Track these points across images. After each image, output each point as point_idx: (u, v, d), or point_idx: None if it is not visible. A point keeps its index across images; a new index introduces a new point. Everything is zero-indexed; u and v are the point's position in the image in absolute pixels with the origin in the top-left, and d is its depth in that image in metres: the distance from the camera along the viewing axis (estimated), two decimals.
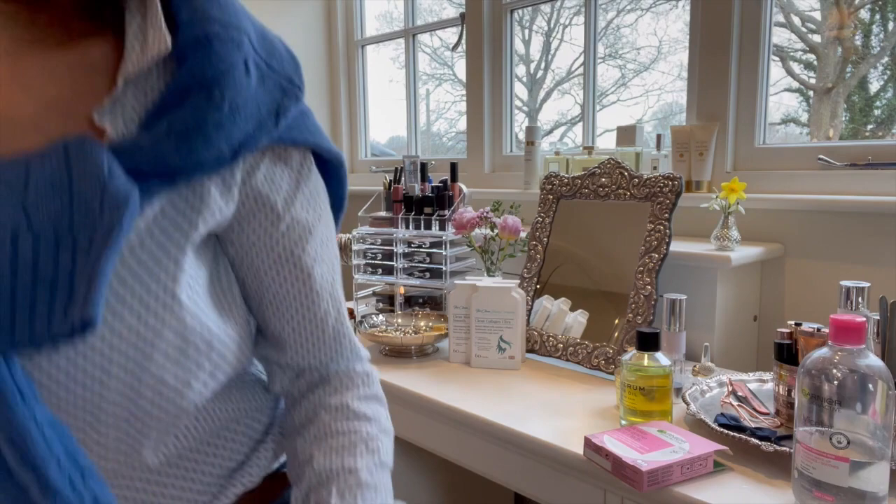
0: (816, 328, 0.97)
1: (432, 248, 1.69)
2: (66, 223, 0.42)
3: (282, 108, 0.52)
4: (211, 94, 0.47)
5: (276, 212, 0.56)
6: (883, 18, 1.49)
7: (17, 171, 0.42)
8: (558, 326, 1.39)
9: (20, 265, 0.41)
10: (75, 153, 0.43)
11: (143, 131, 0.46)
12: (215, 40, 0.48)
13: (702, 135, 1.50)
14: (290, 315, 0.60)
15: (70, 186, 0.42)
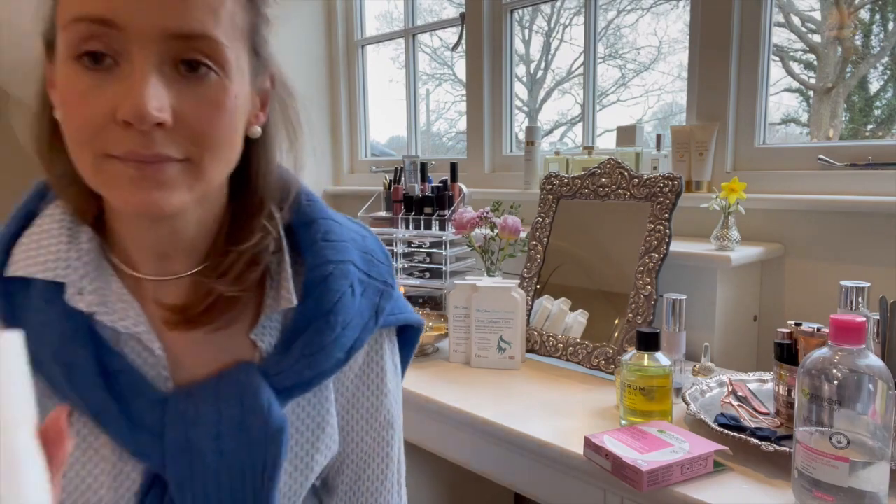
0: (816, 328, 0.97)
1: (432, 248, 1.69)
2: (245, 456, 0.57)
3: (380, 309, 0.67)
4: (328, 319, 0.61)
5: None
6: (883, 18, 1.49)
7: (204, 406, 0.57)
8: (558, 326, 1.39)
9: (217, 489, 0.56)
10: (247, 391, 0.58)
11: (282, 352, 0.61)
12: (330, 278, 0.62)
13: (702, 135, 1.50)
14: (368, 474, 0.73)
15: (241, 423, 0.57)
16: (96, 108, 0.49)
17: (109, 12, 0.48)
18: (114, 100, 0.49)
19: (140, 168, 0.50)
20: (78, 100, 0.50)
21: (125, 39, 0.49)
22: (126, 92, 0.48)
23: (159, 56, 0.50)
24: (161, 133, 0.50)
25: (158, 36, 0.49)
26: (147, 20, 0.48)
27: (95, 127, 0.50)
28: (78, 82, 0.50)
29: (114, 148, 0.50)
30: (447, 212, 1.68)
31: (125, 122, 0.48)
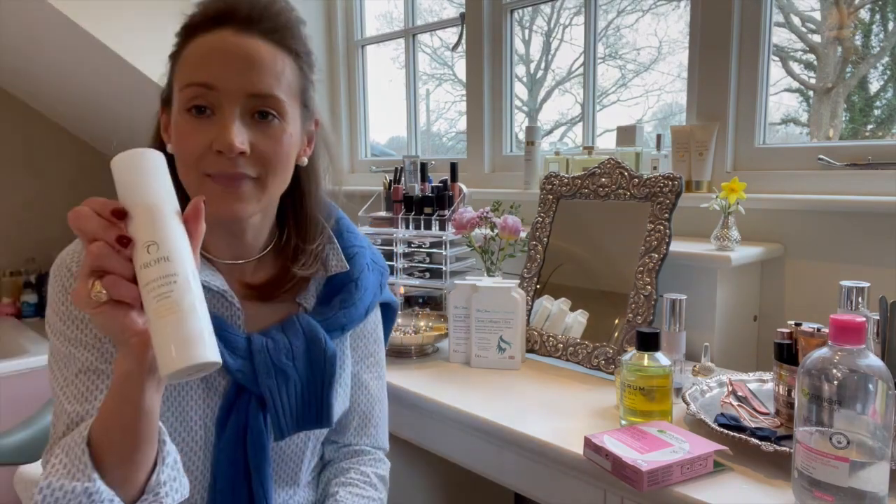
0: (816, 328, 0.97)
1: (432, 248, 1.69)
2: (310, 373, 0.84)
3: (382, 284, 0.97)
4: (357, 283, 0.90)
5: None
6: (883, 18, 1.49)
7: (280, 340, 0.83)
8: (558, 326, 1.39)
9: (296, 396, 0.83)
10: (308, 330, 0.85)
11: (321, 305, 0.89)
12: (356, 256, 0.92)
13: (702, 135, 1.50)
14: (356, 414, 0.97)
15: (307, 350, 0.84)
16: (200, 142, 0.73)
17: (211, 79, 0.72)
18: (211, 136, 0.72)
19: (226, 186, 0.74)
20: (189, 137, 0.73)
21: (219, 97, 0.72)
22: (220, 132, 0.72)
23: (241, 108, 0.73)
24: (242, 159, 0.74)
25: (241, 95, 0.73)
26: (234, 85, 0.73)
27: (199, 155, 0.73)
28: (188, 125, 0.74)
29: (210, 168, 0.73)
30: (447, 212, 1.68)
31: (218, 151, 0.72)
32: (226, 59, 0.72)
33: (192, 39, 0.74)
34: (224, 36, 0.73)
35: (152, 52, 2.00)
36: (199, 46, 0.74)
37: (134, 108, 2.30)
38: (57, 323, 0.77)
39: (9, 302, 2.77)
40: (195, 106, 0.73)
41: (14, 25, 2.09)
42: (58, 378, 0.77)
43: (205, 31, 0.74)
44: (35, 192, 2.88)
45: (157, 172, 0.60)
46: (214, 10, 0.74)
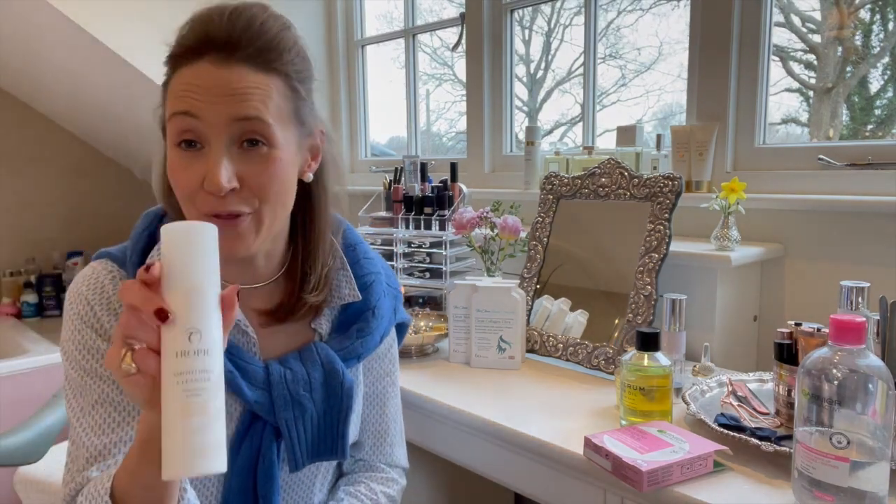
0: (816, 328, 0.97)
1: (432, 248, 1.69)
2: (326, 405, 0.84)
3: (397, 308, 0.97)
4: (374, 312, 0.90)
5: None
6: (883, 18, 1.49)
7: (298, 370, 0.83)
8: (558, 326, 1.39)
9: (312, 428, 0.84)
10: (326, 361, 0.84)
11: (337, 332, 0.88)
12: (373, 284, 0.91)
13: (702, 135, 1.50)
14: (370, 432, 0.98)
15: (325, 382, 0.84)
16: (191, 179, 0.71)
17: (193, 109, 0.70)
18: (201, 173, 0.70)
19: (222, 225, 0.68)
20: (180, 173, 0.72)
21: (205, 128, 0.70)
22: (208, 170, 0.70)
23: (229, 138, 0.71)
24: (233, 195, 0.71)
25: (226, 123, 0.70)
26: (217, 115, 0.70)
27: (191, 192, 0.71)
28: (179, 161, 0.72)
29: (203, 208, 0.71)
30: (447, 212, 1.68)
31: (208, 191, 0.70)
32: (206, 91, 0.69)
33: (176, 70, 0.72)
34: (204, 68, 0.70)
35: (151, 50, 2.00)
36: (181, 78, 0.71)
37: (134, 109, 2.30)
38: (73, 351, 0.78)
39: (9, 302, 2.77)
40: (184, 140, 0.71)
41: (13, 25, 2.09)
42: (73, 407, 0.77)
43: (187, 62, 0.71)
44: (35, 193, 2.88)
45: (206, 251, 0.57)
46: (192, 41, 0.71)
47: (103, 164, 3.04)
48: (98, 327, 0.77)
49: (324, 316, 0.88)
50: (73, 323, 0.78)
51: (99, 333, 0.77)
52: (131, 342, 0.56)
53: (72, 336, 0.78)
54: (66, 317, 0.79)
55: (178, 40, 0.72)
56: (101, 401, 0.76)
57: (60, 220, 2.96)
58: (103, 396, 0.76)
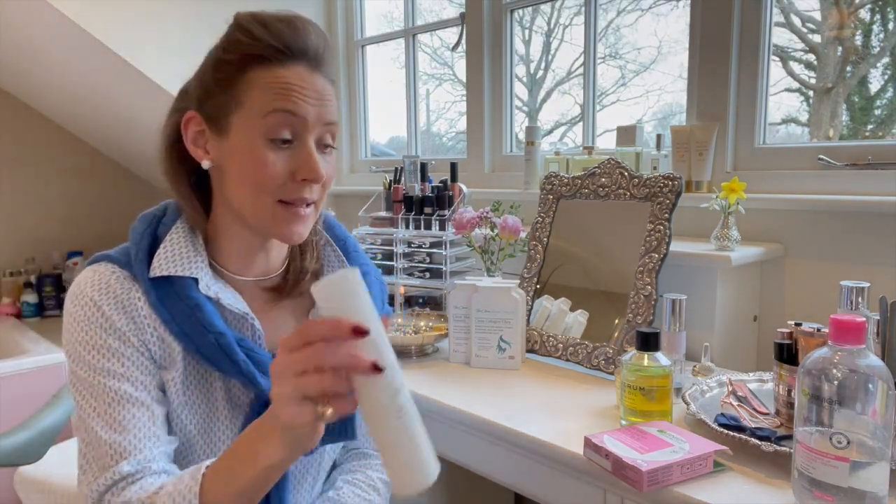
0: (816, 328, 0.97)
1: (432, 248, 1.69)
2: None
3: (384, 301, 0.98)
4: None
5: None
6: (883, 18, 1.49)
7: None
8: (558, 326, 1.39)
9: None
10: None
11: None
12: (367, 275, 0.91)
13: (702, 135, 1.50)
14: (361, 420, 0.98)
15: None
16: (282, 170, 0.77)
17: (296, 108, 0.76)
18: (292, 165, 0.77)
19: (296, 213, 0.79)
20: (271, 165, 0.77)
21: (301, 126, 0.77)
22: (306, 161, 0.77)
23: (316, 138, 0.79)
24: (315, 185, 0.80)
25: (318, 124, 0.78)
26: (314, 115, 0.78)
27: (279, 183, 0.77)
28: (272, 154, 0.77)
29: (288, 195, 0.78)
30: (447, 212, 1.68)
31: (303, 179, 0.78)
32: (307, 92, 0.77)
33: (259, 69, 0.76)
34: (300, 70, 0.77)
35: (151, 51, 2.00)
36: (276, 77, 0.76)
37: (134, 108, 2.30)
38: (82, 353, 0.78)
39: (9, 302, 2.76)
40: (281, 137, 0.77)
41: (13, 24, 2.09)
42: (85, 407, 0.77)
43: (277, 62, 0.76)
44: (35, 193, 2.88)
45: (367, 294, 0.61)
46: (286, 45, 0.76)
47: (103, 164, 3.04)
48: (108, 326, 0.78)
49: None
50: (79, 325, 0.78)
51: (109, 332, 0.78)
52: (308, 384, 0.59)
53: (80, 338, 0.78)
54: (71, 321, 0.79)
55: (264, 40, 0.76)
56: (118, 399, 0.76)
57: (60, 220, 2.95)
58: (121, 395, 0.77)
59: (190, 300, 0.79)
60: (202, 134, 0.81)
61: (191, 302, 0.79)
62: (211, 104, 0.79)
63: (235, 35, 0.78)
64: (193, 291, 0.80)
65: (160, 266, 0.79)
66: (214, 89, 0.79)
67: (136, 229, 0.84)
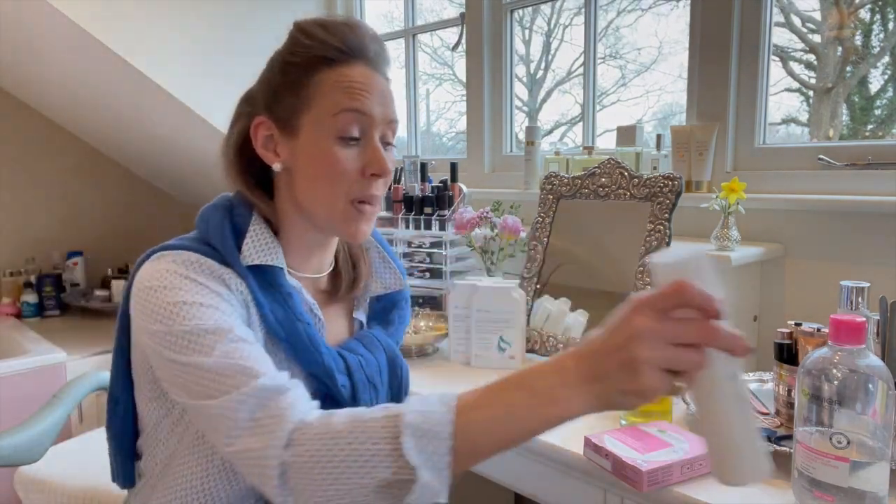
0: (816, 328, 0.97)
1: (432, 248, 1.69)
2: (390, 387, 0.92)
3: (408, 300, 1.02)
4: (406, 300, 1.01)
5: None
6: (883, 18, 1.49)
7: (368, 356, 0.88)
8: (558, 326, 1.39)
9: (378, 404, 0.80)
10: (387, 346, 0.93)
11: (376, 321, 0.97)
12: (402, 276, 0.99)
13: (702, 135, 1.50)
14: None
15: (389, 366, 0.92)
16: (352, 168, 0.80)
17: (364, 107, 0.79)
18: (360, 162, 0.80)
19: (365, 212, 0.82)
20: (342, 164, 0.79)
21: (368, 124, 0.80)
22: (373, 157, 0.80)
23: (380, 135, 0.82)
24: (381, 182, 0.82)
25: (383, 122, 0.81)
26: (380, 113, 0.80)
27: (350, 180, 0.80)
28: (341, 153, 0.79)
29: (359, 193, 0.80)
30: (447, 212, 1.68)
31: (373, 174, 0.80)
32: (372, 90, 0.80)
33: (325, 70, 0.79)
34: (363, 70, 0.80)
35: (151, 50, 2.00)
36: (343, 76, 0.79)
37: (134, 108, 2.30)
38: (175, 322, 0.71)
39: (9, 302, 2.76)
40: (350, 135, 0.79)
41: (13, 24, 2.09)
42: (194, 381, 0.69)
43: (342, 63, 0.79)
44: (35, 192, 2.88)
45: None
46: (349, 45, 0.79)
47: (103, 164, 3.04)
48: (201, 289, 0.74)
49: (361, 307, 0.95)
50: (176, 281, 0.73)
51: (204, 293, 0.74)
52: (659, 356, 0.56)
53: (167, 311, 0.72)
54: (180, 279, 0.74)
55: (330, 42, 0.79)
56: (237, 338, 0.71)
57: (60, 220, 2.95)
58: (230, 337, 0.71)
59: (282, 288, 0.81)
60: (271, 138, 0.82)
61: (283, 290, 0.81)
62: (280, 107, 0.81)
63: (300, 39, 0.80)
64: (284, 280, 0.81)
65: (250, 255, 0.79)
66: (283, 92, 0.81)
67: (214, 219, 0.82)
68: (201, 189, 2.93)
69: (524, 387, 0.61)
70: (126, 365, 0.83)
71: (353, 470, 0.62)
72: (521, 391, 0.61)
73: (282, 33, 0.84)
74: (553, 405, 0.59)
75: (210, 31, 2.14)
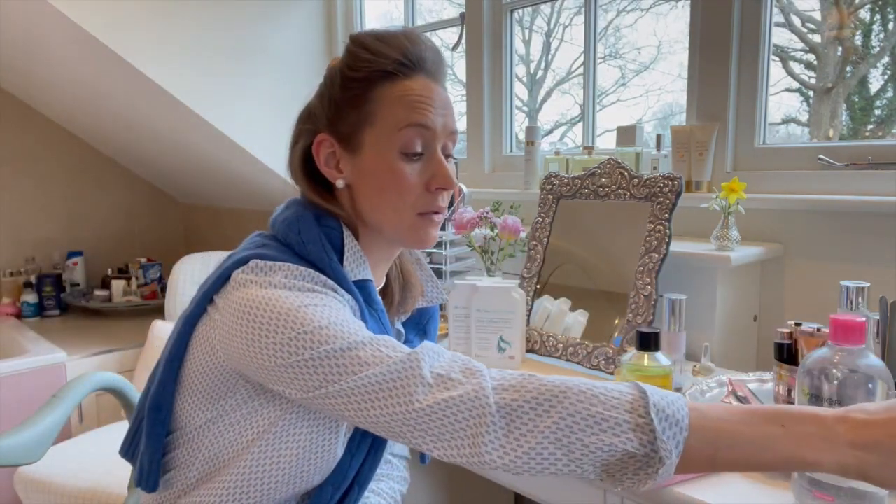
0: (816, 328, 0.97)
1: (432, 248, 1.69)
2: None
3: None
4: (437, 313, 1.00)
5: None
6: (883, 18, 1.49)
7: None
8: (558, 326, 1.39)
9: None
10: None
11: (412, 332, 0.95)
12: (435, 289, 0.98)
13: (702, 135, 1.50)
14: None
15: None
16: (418, 182, 0.80)
17: (427, 121, 0.79)
18: (425, 175, 0.80)
19: (433, 223, 0.82)
20: (409, 178, 0.79)
21: (432, 138, 0.80)
22: (438, 170, 0.80)
23: (441, 146, 0.81)
24: (446, 194, 0.82)
25: (445, 135, 0.81)
26: (441, 126, 0.80)
27: (416, 193, 0.80)
28: (408, 168, 0.79)
29: (425, 207, 0.81)
30: (447, 212, 1.68)
31: (438, 188, 0.80)
32: (434, 103, 0.79)
33: (386, 83, 0.78)
34: (424, 82, 0.79)
35: (152, 51, 2.00)
36: (405, 90, 0.78)
37: (134, 108, 2.30)
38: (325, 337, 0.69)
39: (9, 302, 2.76)
40: (415, 150, 0.79)
41: (13, 23, 2.09)
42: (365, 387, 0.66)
43: (403, 76, 0.78)
44: (35, 193, 2.88)
45: None
46: (409, 58, 0.78)
47: (103, 164, 3.04)
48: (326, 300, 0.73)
49: (403, 317, 0.95)
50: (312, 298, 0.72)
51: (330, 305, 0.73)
52: None
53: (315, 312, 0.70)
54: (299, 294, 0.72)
55: (391, 55, 0.78)
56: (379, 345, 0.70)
57: (60, 220, 2.95)
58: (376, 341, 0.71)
59: (376, 304, 0.81)
60: (333, 154, 0.82)
61: (377, 306, 0.82)
62: (342, 123, 0.80)
63: (359, 53, 0.79)
64: (377, 294, 0.82)
65: (352, 270, 0.80)
66: (345, 108, 0.80)
67: (310, 231, 0.79)
68: (201, 189, 2.93)
69: (773, 421, 0.61)
70: (178, 371, 0.80)
71: (593, 431, 0.60)
72: (771, 425, 0.61)
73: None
74: (808, 449, 0.59)
75: (210, 31, 2.14)
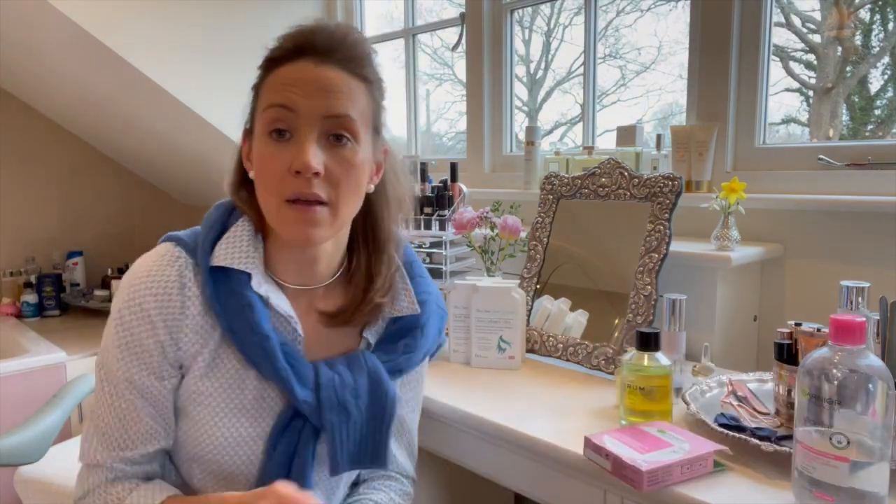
0: (816, 328, 0.97)
1: (432, 248, 1.69)
2: (370, 413, 0.85)
3: (441, 329, 0.97)
4: (422, 330, 0.92)
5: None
6: (883, 18, 1.49)
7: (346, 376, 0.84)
8: (558, 326, 1.39)
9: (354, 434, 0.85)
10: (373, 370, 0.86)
11: (385, 344, 0.90)
12: (426, 303, 0.93)
13: (702, 135, 1.50)
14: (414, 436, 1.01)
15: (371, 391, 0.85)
16: (280, 165, 0.77)
17: (289, 102, 0.76)
18: (289, 159, 0.76)
19: (302, 212, 0.77)
20: (269, 160, 0.78)
21: (297, 119, 0.77)
22: (297, 152, 0.76)
23: (318, 131, 0.77)
24: (316, 181, 0.77)
25: (317, 117, 0.77)
26: (311, 108, 0.77)
27: (278, 177, 0.77)
28: (269, 149, 0.78)
29: (288, 191, 0.77)
30: (447, 212, 1.68)
31: (296, 171, 0.76)
32: (304, 85, 0.77)
33: (273, 70, 0.79)
34: (303, 66, 0.77)
35: (151, 50, 2.00)
36: (280, 75, 0.78)
37: (134, 108, 2.30)
38: (110, 341, 0.84)
39: (9, 302, 2.76)
40: (276, 129, 0.77)
41: (13, 24, 2.09)
42: (103, 389, 0.83)
43: (286, 62, 0.78)
44: (35, 193, 2.88)
45: None
46: (294, 44, 0.78)
47: (103, 164, 3.04)
48: (143, 317, 0.81)
49: (375, 326, 0.91)
50: (119, 314, 0.82)
51: (147, 339, 0.81)
52: None
53: (115, 328, 0.83)
54: (119, 312, 0.83)
55: (280, 43, 0.80)
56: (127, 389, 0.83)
57: (60, 220, 2.95)
58: (131, 384, 0.82)
59: (243, 297, 0.80)
60: (249, 147, 0.83)
61: (243, 300, 0.80)
62: (249, 115, 0.83)
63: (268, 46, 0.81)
64: (247, 289, 0.81)
65: (220, 256, 0.81)
66: (251, 100, 0.83)
67: (210, 217, 0.85)
68: (201, 189, 2.93)
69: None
70: None
71: None
72: None
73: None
74: None
75: (210, 31, 2.14)
